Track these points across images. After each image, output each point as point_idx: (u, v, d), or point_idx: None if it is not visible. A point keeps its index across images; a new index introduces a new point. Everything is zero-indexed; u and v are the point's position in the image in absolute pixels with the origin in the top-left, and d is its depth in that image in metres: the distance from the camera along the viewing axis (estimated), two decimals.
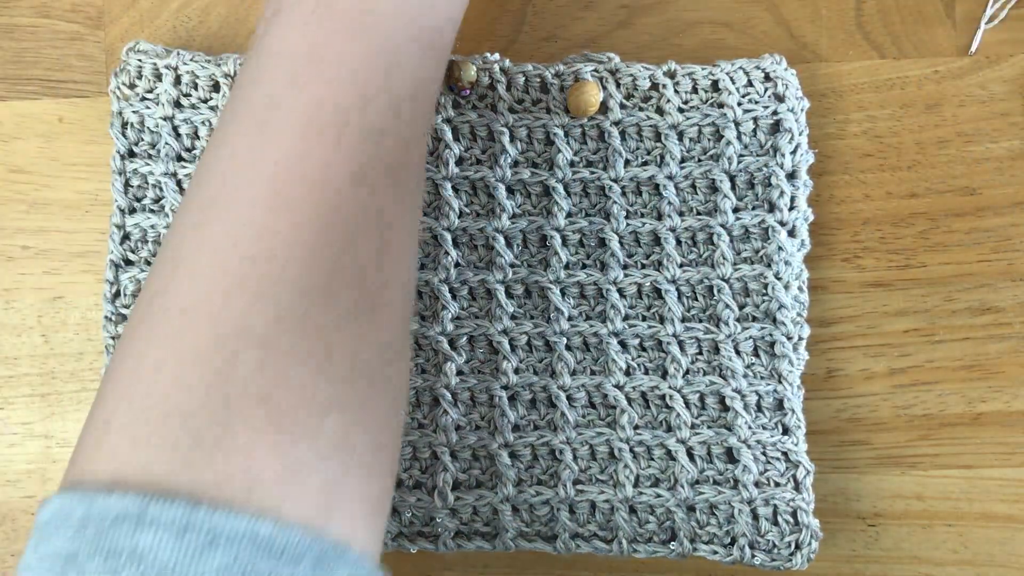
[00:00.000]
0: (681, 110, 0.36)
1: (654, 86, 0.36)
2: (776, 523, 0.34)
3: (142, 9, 0.40)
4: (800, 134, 0.36)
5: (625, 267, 0.36)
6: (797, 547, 0.34)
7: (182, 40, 0.40)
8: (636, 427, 0.35)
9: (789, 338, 0.35)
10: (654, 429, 0.35)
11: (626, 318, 0.36)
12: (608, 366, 0.36)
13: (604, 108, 0.36)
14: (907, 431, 0.38)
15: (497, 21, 0.39)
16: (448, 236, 0.36)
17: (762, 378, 0.36)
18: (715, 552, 0.35)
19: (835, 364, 0.38)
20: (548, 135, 0.36)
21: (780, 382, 0.35)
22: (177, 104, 0.37)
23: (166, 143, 0.37)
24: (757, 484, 0.35)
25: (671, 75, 0.36)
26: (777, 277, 0.36)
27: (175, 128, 0.37)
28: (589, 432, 0.35)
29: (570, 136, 0.36)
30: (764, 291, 0.36)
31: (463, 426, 0.36)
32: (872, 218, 0.38)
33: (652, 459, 0.35)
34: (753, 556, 0.34)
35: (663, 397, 0.35)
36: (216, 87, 0.37)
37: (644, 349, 0.36)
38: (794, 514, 0.34)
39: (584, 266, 0.36)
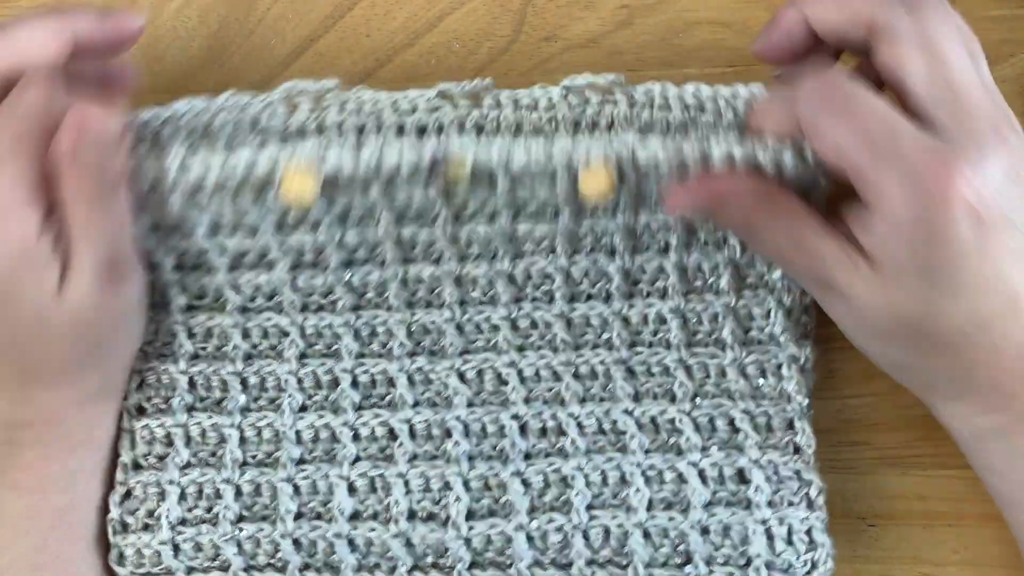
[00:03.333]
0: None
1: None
2: (791, 542, 0.34)
3: (142, 9, 0.40)
4: (825, 190, 0.33)
5: (630, 296, 0.36)
6: (814, 566, 0.34)
7: (182, 40, 0.40)
8: (647, 451, 0.35)
9: (796, 360, 0.35)
10: (665, 453, 0.35)
11: (632, 345, 0.36)
12: (616, 393, 0.35)
13: (617, 185, 0.33)
14: (908, 431, 0.38)
15: (497, 21, 0.40)
16: (450, 280, 0.36)
17: (770, 399, 0.35)
18: (731, 574, 0.34)
19: (835, 364, 0.38)
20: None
21: (789, 402, 0.35)
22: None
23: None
24: (770, 504, 0.34)
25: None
26: (780, 303, 0.35)
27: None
28: (600, 458, 0.35)
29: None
30: (767, 316, 0.35)
31: (475, 456, 0.35)
32: None
33: (664, 482, 0.35)
34: None
35: (672, 421, 0.35)
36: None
37: (651, 375, 0.36)
38: (808, 532, 0.34)
39: (589, 297, 0.36)
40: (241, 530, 0.35)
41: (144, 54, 0.40)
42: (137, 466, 0.36)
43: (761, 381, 0.35)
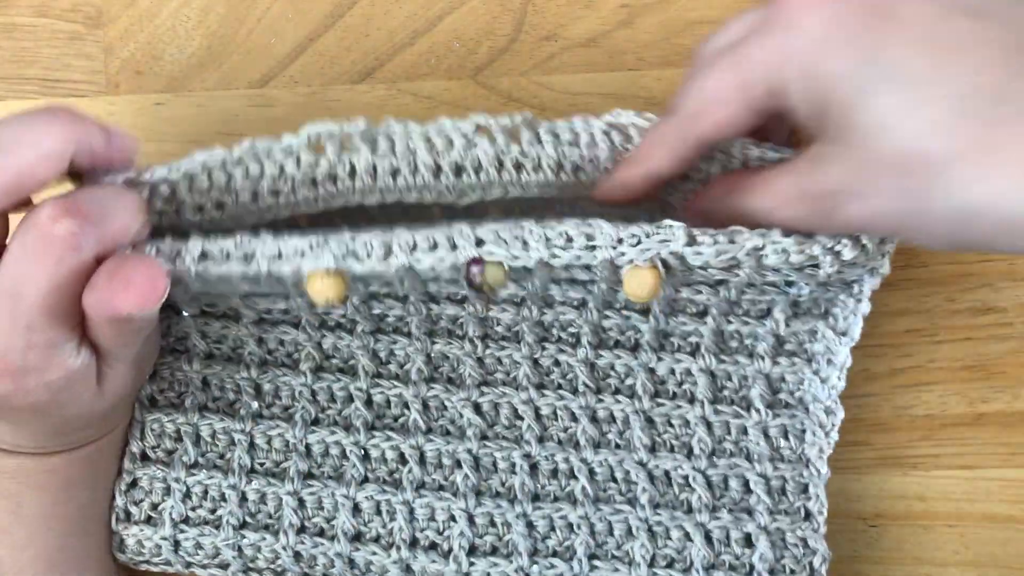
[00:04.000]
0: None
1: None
2: None
3: (141, 8, 0.40)
4: (883, 273, 0.32)
5: (660, 348, 0.35)
6: None
7: (181, 39, 0.40)
8: (656, 505, 0.35)
9: (823, 427, 0.35)
10: (674, 509, 0.35)
11: (655, 395, 0.35)
12: (632, 442, 0.35)
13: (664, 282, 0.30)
14: (908, 431, 0.38)
15: (497, 20, 0.39)
16: (473, 320, 0.35)
17: (789, 462, 0.35)
18: None
19: None
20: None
21: (807, 467, 0.34)
22: None
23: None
24: (772, 571, 0.34)
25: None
26: (816, 374, 0.35)
27: None
28: (607, 508, 0.35)
29: None
30: (800, 384, 0.35)
31: (482, 492, 0.35)
32: None
33: (669, 539, 0.34)
34: None
35: (686, 478, 0.35)
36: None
37: (671, 426, 0.35)
38: None
39: (617, 343, 0.35)
40: (243, 537, 0.35)
41: (144, 53, 0.40)
42: (145, 457, 0.36)
43: (782, 443, 0.35)
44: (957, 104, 0.24)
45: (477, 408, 0.35)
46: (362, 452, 0.35)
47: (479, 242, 0.29)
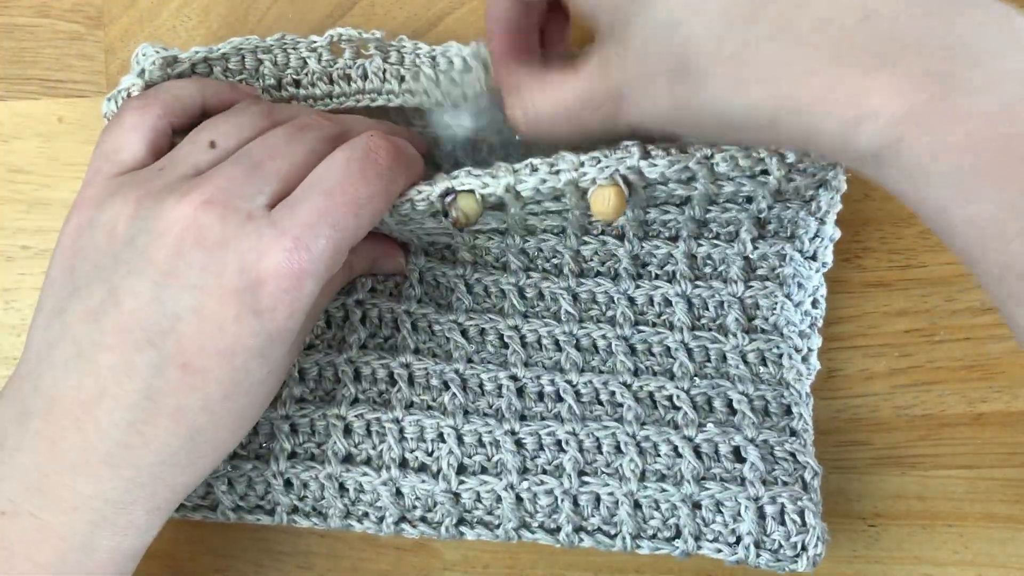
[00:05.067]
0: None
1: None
2: (783, 523, 0.34)
3: (142, 9, 0.40)
4: (836, 187, 0.34)
5: (638, 277, 0.36)
6: (803, 548, 0.33)
7: (182, 40, 0.40)
8: (643, 423, 0.35)
9: (798, 351, 0.36)
10: (661, 426, 0.35)
11: (635, 324, 0.36)
12: (616, 367, 0.36)
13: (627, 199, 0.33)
14: (908, 431, 0.38)
15: None
16: (465, 248, 0.36)
17: (769, 384, 0.35)
18: (719, 551, 0.34)
19: (835, 364, 0.38)
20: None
21: (787, 388, 0.35)
22: None
23: None
24: (764, 482, 0.34)
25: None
26: (788, 297, 0.36)
27: None
28: (595, 425, 0.35)
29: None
30: (773, 308, 0.36)
31: (471, 411, 0.35)
32: (872, 218, 0.38)
33: (658, 455, 0.35)
34: (758, 556, 0.34)
35: (670, 397, 0.35)
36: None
37: (652, 354, 0.36)
38: (801, 514, 0.34)
39: (598, 273, 0.37)
40: (234, 468, 0.35)
41: None
42: None
43: (762, 369, 0.36)
44: (718, 21, 0.26)
45: (464, 333, 0.36)
46: (354, 371, 0.36)
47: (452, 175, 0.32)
